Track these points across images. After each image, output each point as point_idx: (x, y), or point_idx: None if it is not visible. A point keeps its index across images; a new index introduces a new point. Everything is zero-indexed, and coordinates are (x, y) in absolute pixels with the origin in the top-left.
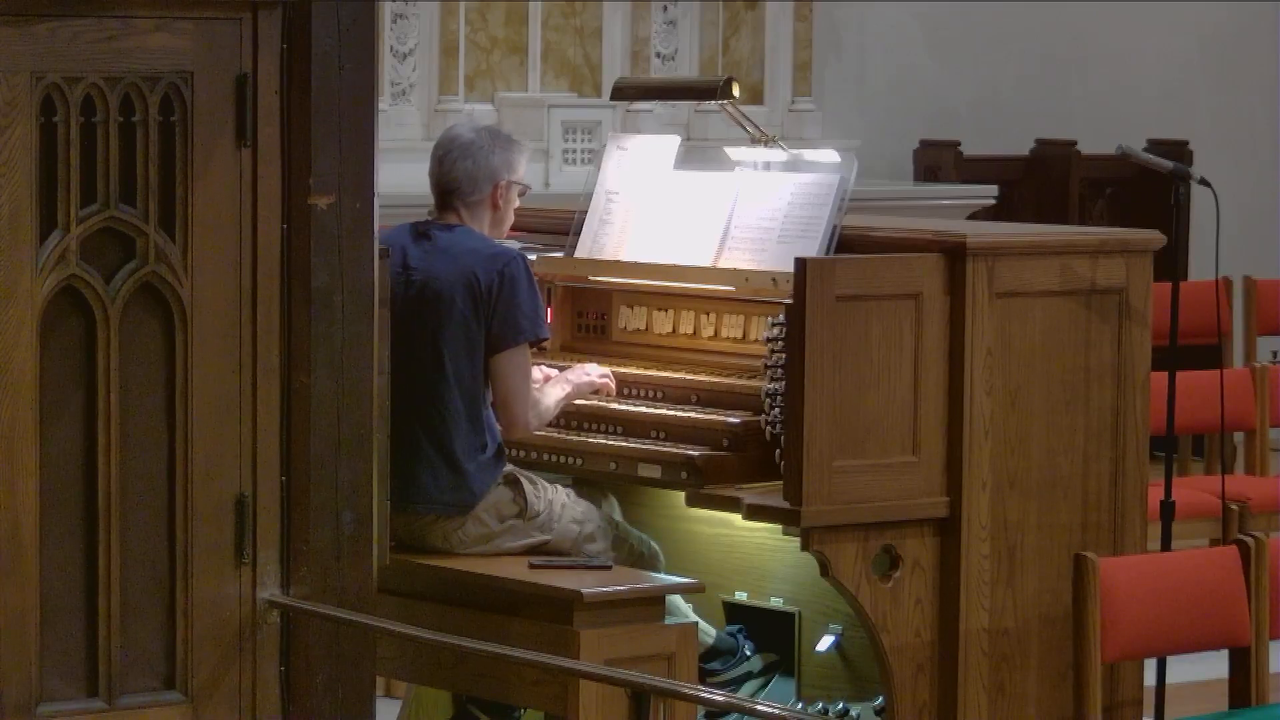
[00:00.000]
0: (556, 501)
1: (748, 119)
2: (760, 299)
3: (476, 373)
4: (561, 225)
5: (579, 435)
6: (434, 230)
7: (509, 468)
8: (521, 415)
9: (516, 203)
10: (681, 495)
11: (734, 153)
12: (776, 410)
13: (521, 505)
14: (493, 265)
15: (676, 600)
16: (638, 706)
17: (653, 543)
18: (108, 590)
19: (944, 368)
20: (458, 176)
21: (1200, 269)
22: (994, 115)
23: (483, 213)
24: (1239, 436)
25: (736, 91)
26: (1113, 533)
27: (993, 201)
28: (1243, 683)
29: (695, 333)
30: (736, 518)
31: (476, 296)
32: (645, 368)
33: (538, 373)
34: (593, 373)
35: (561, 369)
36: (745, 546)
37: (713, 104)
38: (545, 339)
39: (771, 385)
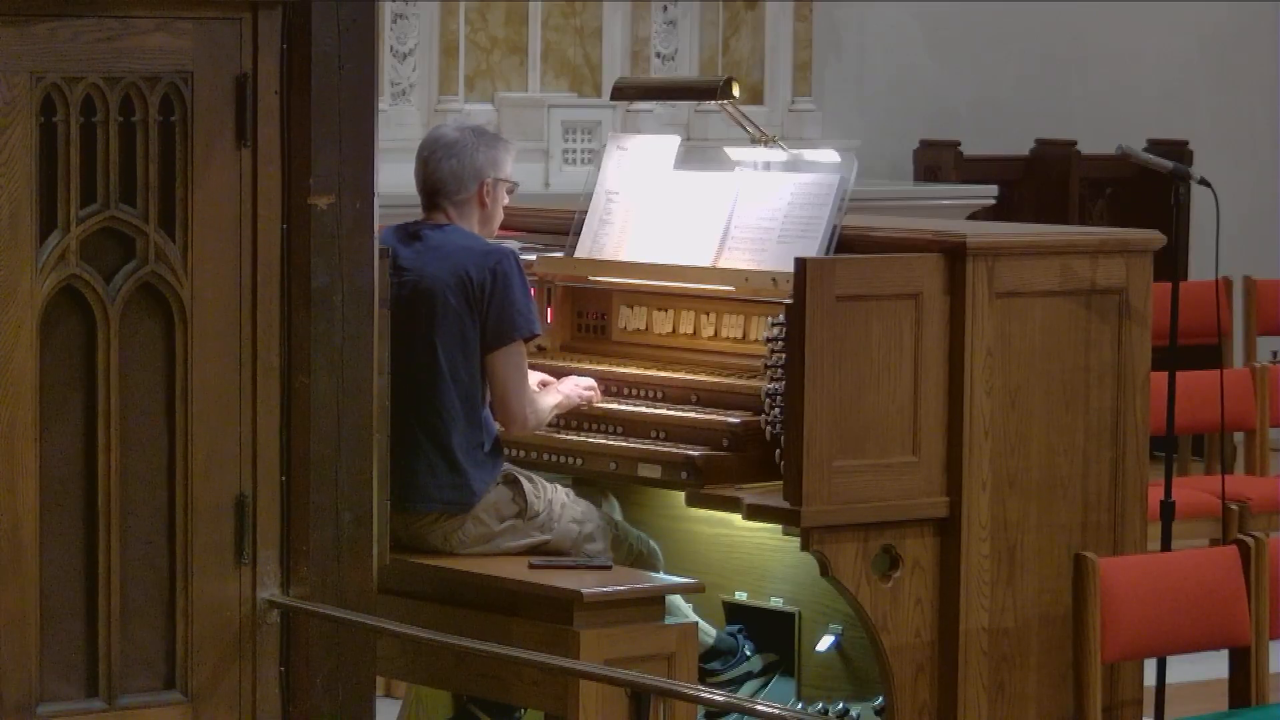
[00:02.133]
0: (556, 501)
1: (748, 119)
2: (760, 299)
3: (472, 370)
4: (561, 225)
5: (579, 435)
6: (424, 230)
7: (508, 467)
8: (519, 412)
9: (505, 200)
10: (681, 495)
11: (734, 153)
12: (776, 410)
13: (521, 505)
14: (485, 262)
15: (676, 600)
16: (638, 706)
17: (652, 542)
18: (108, 590)
19: (944, 368)
20: (443, 176)
21: (1200, 269)
22: (994, 115)
23: (470, 211)
24: (1239, 436)
25: (736, 91)
26: (1113, 533)
27: (993, 201)
28: (1243, 683)
29: (695, 333)
30: (736, 518)
31: (469, 294)
32: (645, 368)
33: (533, 377)
34: (580, 383)
35: (558, 371)
36: (745, 546)
37: (713, 104)
38: (539, 335)
39: (771, 385)
